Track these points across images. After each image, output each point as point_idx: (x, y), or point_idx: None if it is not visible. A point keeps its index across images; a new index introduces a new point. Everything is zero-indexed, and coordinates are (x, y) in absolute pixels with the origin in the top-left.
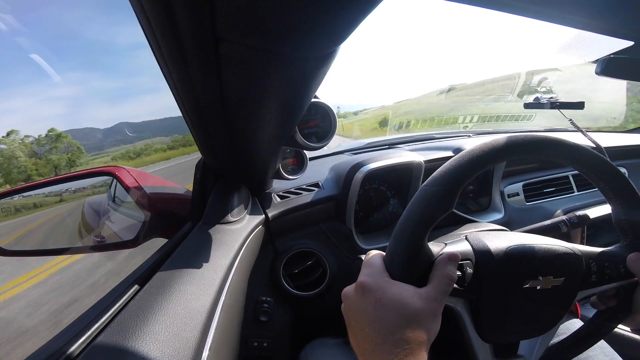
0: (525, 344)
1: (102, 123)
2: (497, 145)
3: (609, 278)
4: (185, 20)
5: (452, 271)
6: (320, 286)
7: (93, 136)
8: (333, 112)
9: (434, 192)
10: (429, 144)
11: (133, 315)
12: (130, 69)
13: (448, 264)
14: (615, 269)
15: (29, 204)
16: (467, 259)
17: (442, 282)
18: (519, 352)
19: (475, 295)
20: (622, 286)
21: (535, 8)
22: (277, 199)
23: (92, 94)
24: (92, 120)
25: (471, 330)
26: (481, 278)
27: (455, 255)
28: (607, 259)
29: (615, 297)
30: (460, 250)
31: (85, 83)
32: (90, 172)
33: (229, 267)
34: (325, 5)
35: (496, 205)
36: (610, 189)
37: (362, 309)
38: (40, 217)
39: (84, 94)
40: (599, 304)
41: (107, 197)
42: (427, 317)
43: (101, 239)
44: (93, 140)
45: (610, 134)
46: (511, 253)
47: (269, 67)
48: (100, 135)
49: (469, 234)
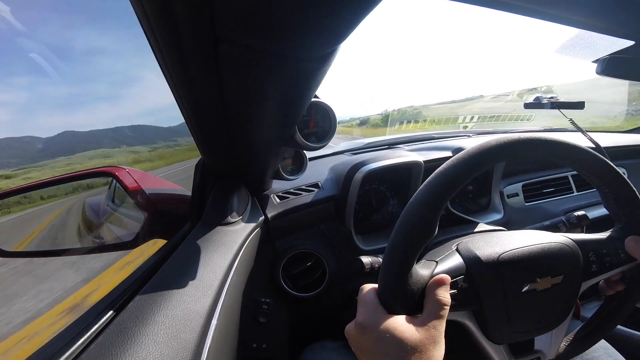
0: (541, 338)
1: (45, 132)
2: (464, 162)
3: (610, 265)
4: (185, 20)
5: (443, 296)
6: (320, 287)
7: (32, 146)
8: (333, 112)
9: (414, 222)
10: (428, 144)
11: (132, 317)
12: (84, 75)
13: (439, 289)
14: (615, 255)
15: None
16: (460, 275)
17: (436, 308)
18: (535, 347)
19: (476, 306)
20: (626, 270)
21: (535, 7)
22: (277, 199)
23: (39, 100)
24: (36, 129)
25: (480, 336)
26: (478, 289)
27: (445, 278)
28: (605, 246)
29: (622, 281)
30: (451, 267)
31: (32, 88)
32: (90, 172)
33: (228, 268)
34: (324, 5)
35: (495, 205)
36: (593, 174)
37: (365, 347)
38: (40, 217)
39: (30, 100)
40: (606, 289)
41: (106, 198)
42: (428, 345)
43: (101, 240)
44: (31, 150)
45: (610, 134)
46: (504, 260)
47: (269, 68)
48: (40, 145)
49: (460, 244)
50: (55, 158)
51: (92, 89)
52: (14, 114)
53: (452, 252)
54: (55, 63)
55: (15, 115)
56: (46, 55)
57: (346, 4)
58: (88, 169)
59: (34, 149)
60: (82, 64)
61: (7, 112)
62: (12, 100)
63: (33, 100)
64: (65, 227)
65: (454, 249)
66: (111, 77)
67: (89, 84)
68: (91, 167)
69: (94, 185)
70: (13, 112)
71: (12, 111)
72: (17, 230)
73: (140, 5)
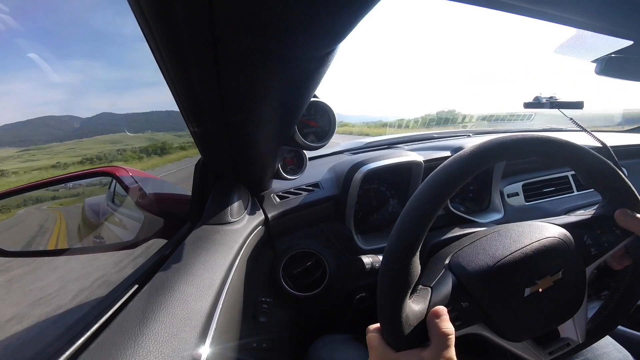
0: (565, 326)
1: (87, 112)
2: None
3: (609, 245)
4: (184, 21)
5: (446, 327)
6: (320, 287)
7: (69, 125)
8: (332, 112)
9: (395, 269)
10: (428, 143)
11: (132, 316)
12: (132, 61)
13: (439, 321)
14: (610, 233)
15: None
16: (458, 295)
17: (442, 340)
18: (561, 335)
19: (483, 319)
20: (628, 244)
21: (535, 8)
22: (277, 199)
23: (92, 83)
24: (82, 109)
25: (499, 340)
26: (480, 305)
27: (441, 310)
28: (598, 226)
29: (627, 255)
30: (447, 291)
31: (86, 71)
32: (90, 172)
33: (228, 268)
34: (323, 6)
35: (495, 205)
36: (570, 161)
37: None
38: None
39: (84, 82)
40: (615, 265)
41: (106, 198)
42: None
43: (100, 240)
44: (65, 129)
45: (610, 134)
46: (498, 270)
47: (268, 67)
48: (76, 125)
49: (451, 260)
50: (81, 139)
51: (137, 75)
52: (66, 94)
53: (445, 272)
54: (106, 48)
55: (67, 96)
56: (99, 40)
57: (344, 4)
58: (88, 169)
59: (69, 128)
60: (131, 50)
61: (60, 92)
62: (66, 81)
63: (86, 83)
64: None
65: (445, 267)
66: (155, 64)
67: (136, 70)
68: (90, 166)
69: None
70: (65, 93)
71: (64, 92)
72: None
73: (138, 5)
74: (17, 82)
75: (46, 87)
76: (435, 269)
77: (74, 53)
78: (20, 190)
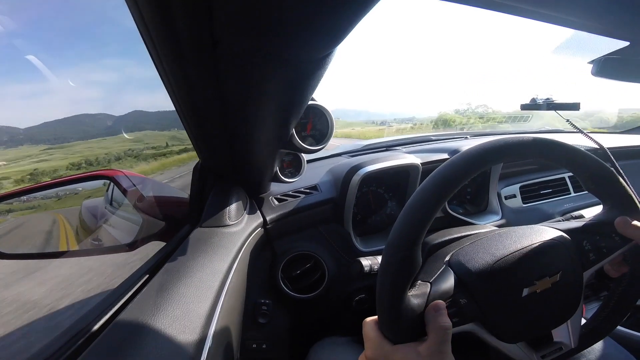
0: (559, 330)
1: (119, 110)
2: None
3: (607, 251)
4: (183, 22)
5: (444, 322)
6: (319, 289)
7: (102, 122)
8: (330, 115)
9: (396, 262)
10: (426, 145)
11: (131, 319)
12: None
13: (437, 315)
14: (609, 239)
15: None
16: (457, 292)
17: (439, 334)
18: (554, 339)
19: (480, 317)
20: (626, 252)
21: (531, 9)
22: (275, 202)
23: (127, 80)
24: (117, 107)
25: (493, 340)
26: (477, 303)
27: (440, 304)
28: (597, 232)
29: (625, 262)
30: (445, 287)
31: (122, 69)
32: (89, 175)
33: (227, 270)
34: (321, 8)
35: (493, 207)
36: (571, 166)
37: None
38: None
39: (120, 80)
40: (611, 272)
41: (104, 201)
42: None
43: (99, 243)
44: (98, 127)
45: (609, 134)
46: (497, 269)
47: (266, 69)
48: (109, 123)
49: (451, 258)
50: (104, 137)
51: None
52: (105, 92)
53: (445, 268)
54: (140, 47)
55: (105, 94)
56: (133, 39)
57: (341, 7)
58: (86, 172)
59: (102, 125)
60: None
61: (100, 91)
62: (104, 79)
63: (122, 81)
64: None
65: (445, 263)
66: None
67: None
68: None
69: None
70: (105, 91)
71: (104, 90)
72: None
73: (136, 5)
74: (57, 81)
75: (86, 85)
76: (434, 266)
77: (110, 52)
78: (19, 192)
